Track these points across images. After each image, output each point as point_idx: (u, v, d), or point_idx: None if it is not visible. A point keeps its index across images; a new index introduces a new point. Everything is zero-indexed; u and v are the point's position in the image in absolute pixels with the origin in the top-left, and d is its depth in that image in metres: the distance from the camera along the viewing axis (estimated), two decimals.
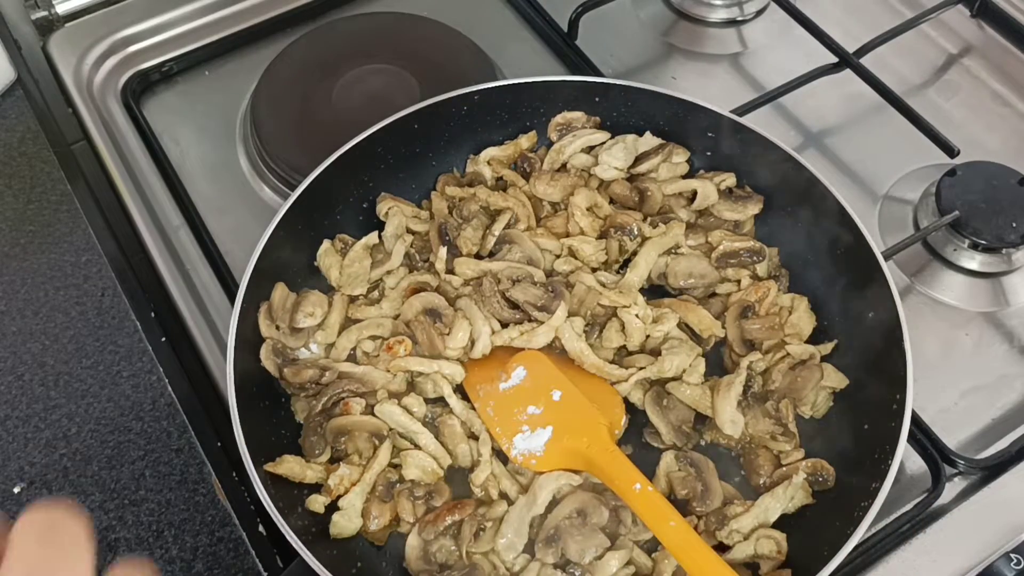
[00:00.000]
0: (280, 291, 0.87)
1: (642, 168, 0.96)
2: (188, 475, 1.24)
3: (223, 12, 1.20)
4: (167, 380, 0.81)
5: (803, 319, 0.90)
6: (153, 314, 0.95)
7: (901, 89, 1.09)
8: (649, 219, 0.94)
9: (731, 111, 0.97)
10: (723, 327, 0.89)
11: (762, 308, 0.89)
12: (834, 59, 1.11)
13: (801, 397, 0.84)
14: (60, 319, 0.93)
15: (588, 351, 0.86)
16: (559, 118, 0.99)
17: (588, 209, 0.94)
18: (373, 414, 0.83)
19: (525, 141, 1.00)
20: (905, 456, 0.80)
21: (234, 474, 0.84)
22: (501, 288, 0.88)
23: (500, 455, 0.83)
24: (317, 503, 0.79)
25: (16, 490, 1.13)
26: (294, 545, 0.72)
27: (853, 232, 0.87)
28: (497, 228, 0.93)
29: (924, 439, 0.87)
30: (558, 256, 0.93)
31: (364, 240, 0.92)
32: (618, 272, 0.93)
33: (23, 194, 1.02)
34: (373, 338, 0.88)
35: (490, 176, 0.97)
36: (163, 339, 0.93)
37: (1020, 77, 1.17)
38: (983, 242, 0.99)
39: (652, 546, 0.78)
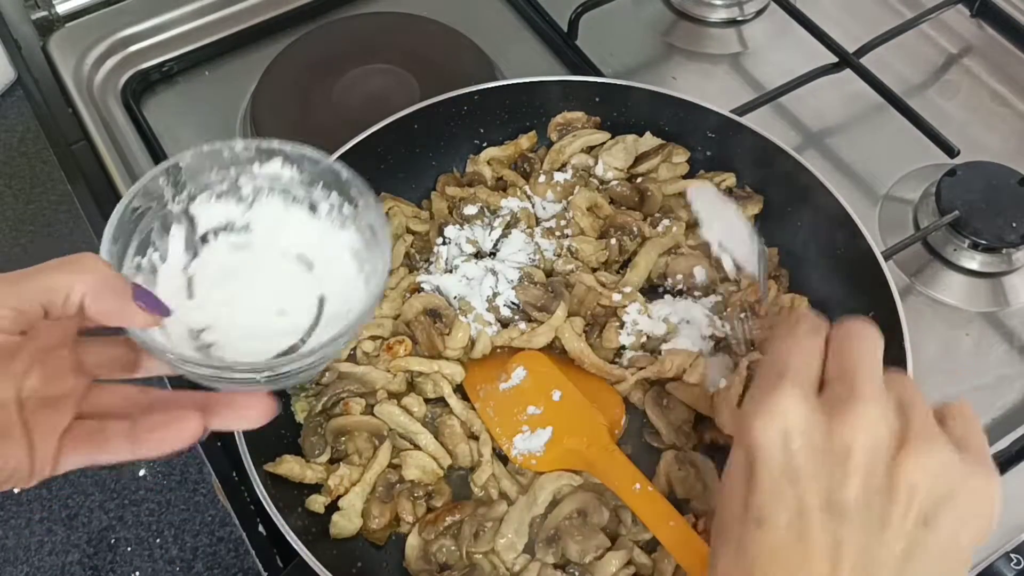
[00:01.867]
0: None
1: (642, 168, 0.96)
2: (188, 475, 1.24)
3: (223, 12, 1.20)
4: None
5: None
6: None
7: (901, 89, 1.09)
8: (649, 219, 0.94)
9: (731, 111, 0.97)
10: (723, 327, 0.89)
11: (762, 308, 0.89)
12: (834, 59, 1.11)
13: None
14: None
15: (588, 351, 0.86)
16: (559, 118, 0.99)
17: (588, 209, 0.94)
18: (373, 414, 0.83)
19: (525, 141, 1.00)
20: None
21: (234, 474, 0.84)
22: None
23: (500, 455, 0.83)
24: (317, 503, 0.79)
25: (16, 490, 1.13)
26: (294, 545, 0.72)
27: (853, 232, 0.87)
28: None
29: None
30: (558, 256, 0.93)
31: None
32: (618, 272, 0.93)
33: (23, 194, 1.02)
34: (373, 338, 0.88)
35: (490, 176, 0.97)
36: None
37: (1020, 77, 1.17)
38: (983, 242, 0.99)
39: (652, 546, 0.78)
